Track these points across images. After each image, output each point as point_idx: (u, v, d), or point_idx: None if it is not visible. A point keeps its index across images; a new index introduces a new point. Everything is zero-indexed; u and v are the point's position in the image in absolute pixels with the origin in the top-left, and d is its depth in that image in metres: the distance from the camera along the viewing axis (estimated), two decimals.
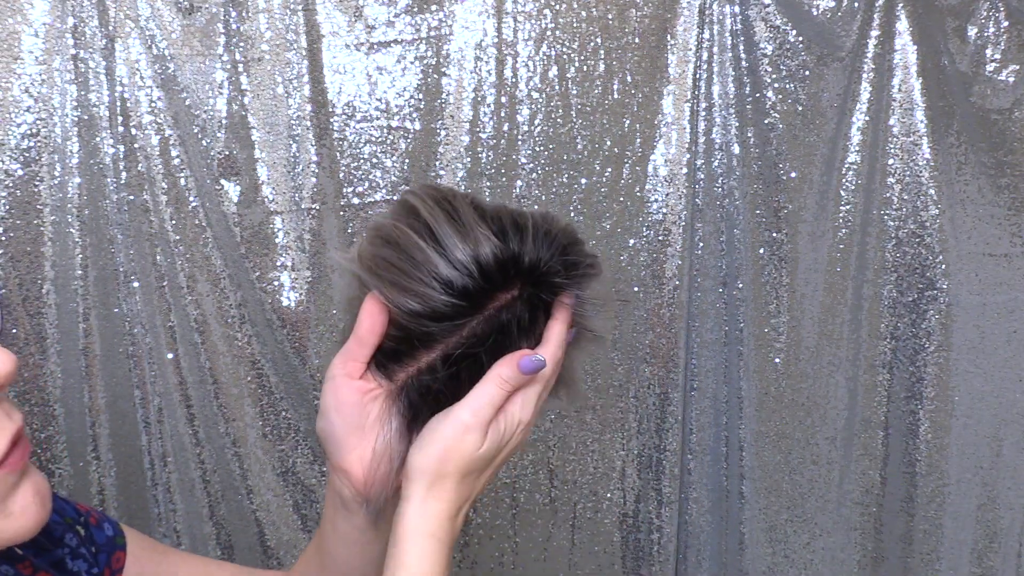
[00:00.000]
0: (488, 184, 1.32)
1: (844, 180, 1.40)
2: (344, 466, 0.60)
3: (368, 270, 0.59)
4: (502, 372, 0.58)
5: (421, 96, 1.29)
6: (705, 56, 1.34)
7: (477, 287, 0.57)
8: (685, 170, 1.35)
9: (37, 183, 1.21)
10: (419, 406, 0.60)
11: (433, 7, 1.28)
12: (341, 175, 1.30)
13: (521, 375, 0.58)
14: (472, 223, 0.58)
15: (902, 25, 1.36)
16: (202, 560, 0.76)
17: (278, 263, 1.31)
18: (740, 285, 1.41)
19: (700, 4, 1.32)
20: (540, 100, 1.32)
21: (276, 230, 1.30)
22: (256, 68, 1.26)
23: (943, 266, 1.42)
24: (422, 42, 1.28)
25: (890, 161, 1.40)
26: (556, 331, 0.61)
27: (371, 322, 0.59)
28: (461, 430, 0.57)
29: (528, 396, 0.60)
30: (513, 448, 0.61)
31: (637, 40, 1.32)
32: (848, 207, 1.41)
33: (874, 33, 1.36)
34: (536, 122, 1.32)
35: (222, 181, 1.27)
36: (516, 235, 0.59)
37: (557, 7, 1.30)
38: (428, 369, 0.60)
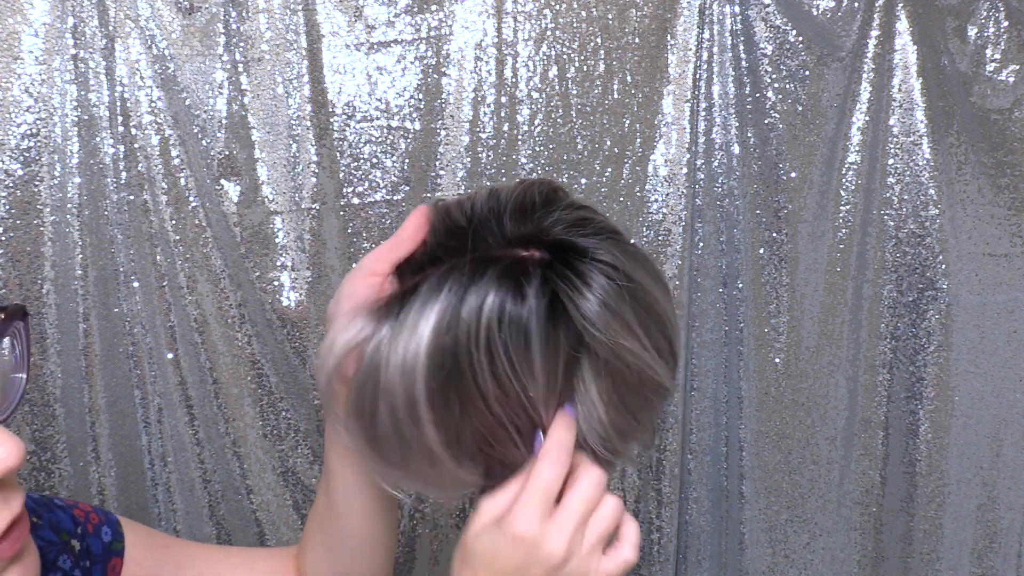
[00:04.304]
0: (488, 184, 1.32)
1: (844, 180, 1.40)
2: None
3: None
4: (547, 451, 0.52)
5: (421, 96, 1.29)
6: (705, 56, 1.34)
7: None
8: (685, 170, 1.35)
9: (37, 183, 1.21)
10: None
11: (433, 7, 1.28)
12: (341, 175, 1.30)
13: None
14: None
15: (902, 25, 1.36)
16: (207, 548, 0.73)
17: (278, 263, 1.31)
18: (740, 285, 1.41)
19: (700, 4, 1.32)
20: (540, 100, 1.32)
21: (276, 230, 1.30)
22: (256, 68, 1.26)
23: (943, 266, 1.41)
24: (422, 42, 1.28)
25: (890, 161, 1.40)
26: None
27: (415, 228, 0.56)
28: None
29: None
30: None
31: (637, 40, 1.32)
32: (848, 207, 1.41)
33: (874, 33, 1.36)
34: (536, 122, 1.32)
35: (222, 181, 1.27)
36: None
37: (557, 7, 1.30)
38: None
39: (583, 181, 1.35)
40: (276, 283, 1.31)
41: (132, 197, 1.25)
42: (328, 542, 0.66)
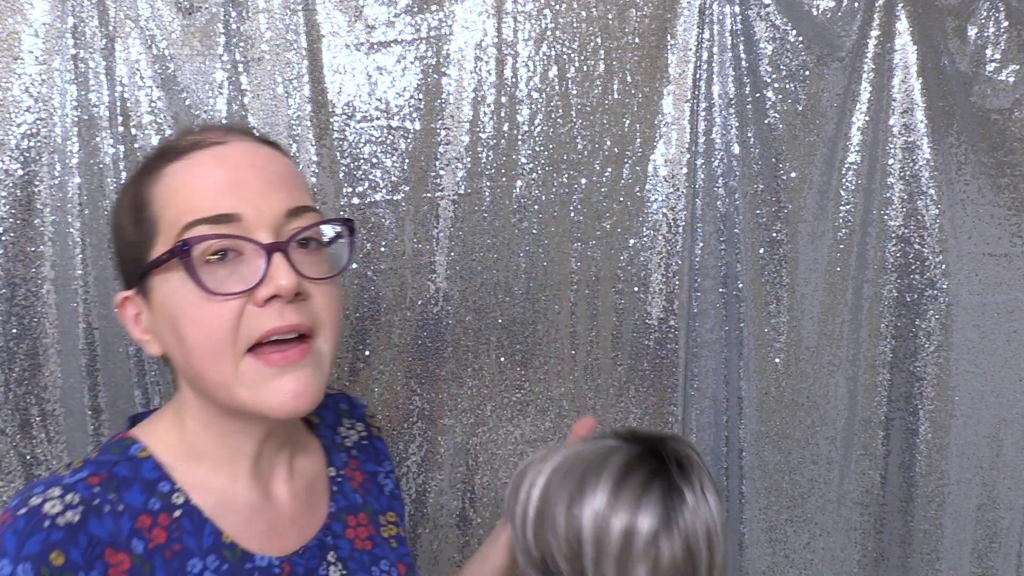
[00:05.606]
0: (488, 184, 1.32)
1: (844, 180, 1.40)
2: None
3: None
4: None
5: (421, 96, 1.29)
6: (705, 56, 1.34)
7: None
8: (685, 170, 1.35)
9: (37, 183, 1.21)
10: None
11: (433, 7, 1.28)
12: (341, 175, 1.30)
13: None
14: None
15: (902, 25, 1.36)
16: None
17: None
18: (740, 285, 1.41)
19: (700, 4, 1.32)
20: (540, 100, 1.32)
21: None
22: (256, 68, 1.26)
23: (943, 266, 1.42)
24: (422, 42, 1.29)
25: (890, 161, 1.40)
26: None
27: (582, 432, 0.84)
28: None
29: None
30: None
31: (637, 40, 1.32)
32: (848, 207, 1.41)
33: (874, 33, 1.36)
34: (536, 122, 1.32)
35: None
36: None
37: (557, 7, 1.30)
38: None
39: (583, 181, 1.35)
40: None
41: None
42: None
